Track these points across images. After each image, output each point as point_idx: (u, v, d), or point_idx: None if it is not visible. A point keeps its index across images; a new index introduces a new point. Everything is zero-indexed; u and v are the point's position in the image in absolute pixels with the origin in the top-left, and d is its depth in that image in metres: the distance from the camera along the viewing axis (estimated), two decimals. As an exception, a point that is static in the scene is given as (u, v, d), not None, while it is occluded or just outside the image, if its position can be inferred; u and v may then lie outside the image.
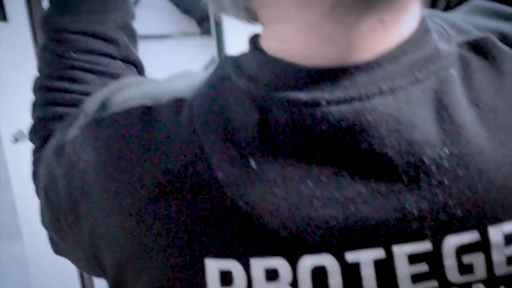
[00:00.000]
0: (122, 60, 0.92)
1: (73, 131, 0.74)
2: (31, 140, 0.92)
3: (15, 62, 1.20)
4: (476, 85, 0.64)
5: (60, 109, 0.89)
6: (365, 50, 0.62)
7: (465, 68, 0.65)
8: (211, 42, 2.77)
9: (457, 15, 0.73)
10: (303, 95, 0.62)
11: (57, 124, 0.86)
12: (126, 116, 0.70)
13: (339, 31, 0.61)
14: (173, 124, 0.67)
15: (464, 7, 0.76)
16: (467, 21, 0.70)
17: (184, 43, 2.92)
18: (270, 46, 0.65)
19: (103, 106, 0.73)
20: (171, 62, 1.00)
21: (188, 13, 2.87)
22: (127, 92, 0.73)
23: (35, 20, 1.17)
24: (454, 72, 0.64)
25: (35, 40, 1.18)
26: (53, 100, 0.90)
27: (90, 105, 0.75)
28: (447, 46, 0.65)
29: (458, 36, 0.67)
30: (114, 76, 0.91)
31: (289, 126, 0.62)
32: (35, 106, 0.92)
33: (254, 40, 0.67)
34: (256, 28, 0.69)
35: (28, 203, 1.38)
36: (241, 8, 0.67)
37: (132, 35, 0.95)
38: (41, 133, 0.89)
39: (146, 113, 0.69)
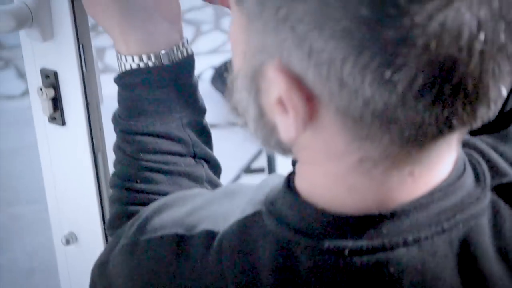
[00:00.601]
0: (192, 156, 0.94)
1: (115, 250, 0.75)
2: (109, 235, 0.95)
3: (71, 164, 1.22)
4: (505, 234, 0.63)
5: (132, 208, 0.91)
6: (393, 200, 0.61)
7: (496, 216, 0.63)
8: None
9: (505, 145, 0.70)
10: (327, 243, 0.61)
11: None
12: (158, 244, 0.71)
13: (367, 183, 0.61)
14: (202, 258, 0.67)
15: None
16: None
17: (230, 132, 2.94)
18: (302, 186, 0.66)
19: (140, 229, 0.74)
20: (217, 152, 1.02)
21: (235, 103, 2.90)
22: (165, 215, 0.74)
23: (92, 124, 1.19)
24: (485, 220, 0.62)
25: (92, 143, 1.20)
26: (125, 198, 0.92)
27: (132, 225, 0.76)
28: (481, 191, 0.63)
29: (494, 178, 0.65)
30: (182, 174, 0.93)
31: (311, 273, 0.62)
32: (111, 202, 0.95)
33: (292, 171, 0.68)
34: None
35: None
36: (272, 146, 0.68)
37: (201, 131, 0.96)
38: (114, 230, 0.90)
39: (178, 243, 0.70)
